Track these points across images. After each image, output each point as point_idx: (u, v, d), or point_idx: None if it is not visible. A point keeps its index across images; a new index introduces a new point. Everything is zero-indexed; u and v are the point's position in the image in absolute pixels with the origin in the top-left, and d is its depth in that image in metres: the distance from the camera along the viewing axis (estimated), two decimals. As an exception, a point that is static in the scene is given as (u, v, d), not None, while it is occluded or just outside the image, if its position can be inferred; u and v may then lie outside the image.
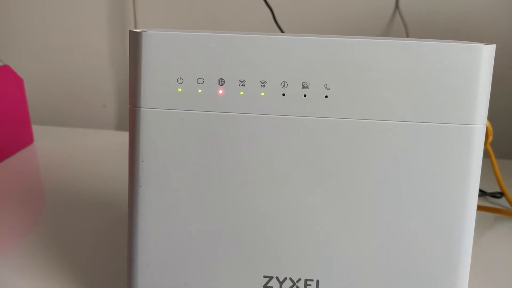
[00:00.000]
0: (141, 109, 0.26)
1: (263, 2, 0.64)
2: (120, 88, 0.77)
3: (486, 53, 0.24)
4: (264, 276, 0.27)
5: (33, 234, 0.40)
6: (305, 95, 0.25)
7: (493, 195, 0.50)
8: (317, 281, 0.27)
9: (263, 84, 0.25)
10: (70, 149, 0.63)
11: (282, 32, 0.65)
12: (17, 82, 0.61)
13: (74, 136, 0.69)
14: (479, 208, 0.45)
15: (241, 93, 0.25)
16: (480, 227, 0.43)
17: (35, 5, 0.75)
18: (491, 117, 0.32)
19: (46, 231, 0.40)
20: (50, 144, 0.65)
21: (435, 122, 0.25)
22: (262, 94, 0.25)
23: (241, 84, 0.25)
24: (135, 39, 0.25)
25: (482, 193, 0.50)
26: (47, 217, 0.44)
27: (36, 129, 0.67)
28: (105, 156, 0.61)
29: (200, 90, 0.25)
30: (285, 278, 0.27)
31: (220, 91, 0.25)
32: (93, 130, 0.73)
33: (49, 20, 0.75)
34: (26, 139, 0.63)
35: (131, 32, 0.26)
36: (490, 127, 0.34)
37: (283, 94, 0.25)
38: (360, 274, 0.26)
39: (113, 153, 0.62)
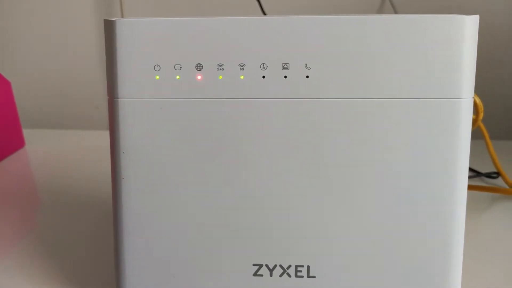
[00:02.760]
0: (119, 99, 0.25)
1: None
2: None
3: (469, 24, 0.23)
4: (254, 264, 0.26)
5: (27, 238, 0.39)
6: (285, 76, 0.24)
7: (489, 175, 0.49)
8: (308, 267, 0.26)
9: (242, 67, 0.24)
10: (63, 151, 0.63)
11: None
12: (5, 85, 0.60)
13: (66, 138, 0.68)
14: (475, 188, 0.44)
15: (220, 77, 0.24)
16: (477, 208, 0.42)
17: (21, 5, 0.74)
18: (484, 99, 0.31)
19: (40, 235, 0.40)
20: (42, 146, 0.64)
21: (420, 97, 0.24)
22: (242, 77, 0.24)
23: (219, 68, 0.24)
24: (109, 28, 0.25)
25: (477, 173, 0.49)
26: (41, 219, 0.43)
27: (27, 132, 0.67)
28: (99, 157, 0.60)
29: (178, 77, 0.25)
30: (275, 265, 0.26)
31: (199, 77, 0.25)
32: (86, 131, 0.72)
33: (35, 20, 0.74)
34: (17, 143, 0.63)
35: (105, 21, 0.25)
36: (480, 103, 0.34)
37: (263, 77, 0.24)
38: (350, 258, 0.26)
39: (106, 154, 0.61)
